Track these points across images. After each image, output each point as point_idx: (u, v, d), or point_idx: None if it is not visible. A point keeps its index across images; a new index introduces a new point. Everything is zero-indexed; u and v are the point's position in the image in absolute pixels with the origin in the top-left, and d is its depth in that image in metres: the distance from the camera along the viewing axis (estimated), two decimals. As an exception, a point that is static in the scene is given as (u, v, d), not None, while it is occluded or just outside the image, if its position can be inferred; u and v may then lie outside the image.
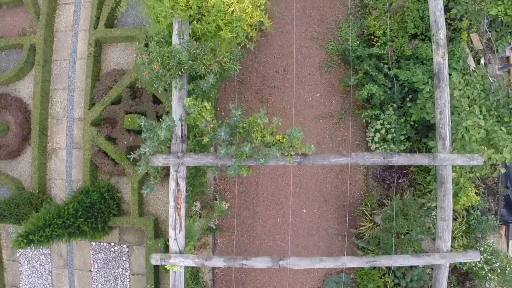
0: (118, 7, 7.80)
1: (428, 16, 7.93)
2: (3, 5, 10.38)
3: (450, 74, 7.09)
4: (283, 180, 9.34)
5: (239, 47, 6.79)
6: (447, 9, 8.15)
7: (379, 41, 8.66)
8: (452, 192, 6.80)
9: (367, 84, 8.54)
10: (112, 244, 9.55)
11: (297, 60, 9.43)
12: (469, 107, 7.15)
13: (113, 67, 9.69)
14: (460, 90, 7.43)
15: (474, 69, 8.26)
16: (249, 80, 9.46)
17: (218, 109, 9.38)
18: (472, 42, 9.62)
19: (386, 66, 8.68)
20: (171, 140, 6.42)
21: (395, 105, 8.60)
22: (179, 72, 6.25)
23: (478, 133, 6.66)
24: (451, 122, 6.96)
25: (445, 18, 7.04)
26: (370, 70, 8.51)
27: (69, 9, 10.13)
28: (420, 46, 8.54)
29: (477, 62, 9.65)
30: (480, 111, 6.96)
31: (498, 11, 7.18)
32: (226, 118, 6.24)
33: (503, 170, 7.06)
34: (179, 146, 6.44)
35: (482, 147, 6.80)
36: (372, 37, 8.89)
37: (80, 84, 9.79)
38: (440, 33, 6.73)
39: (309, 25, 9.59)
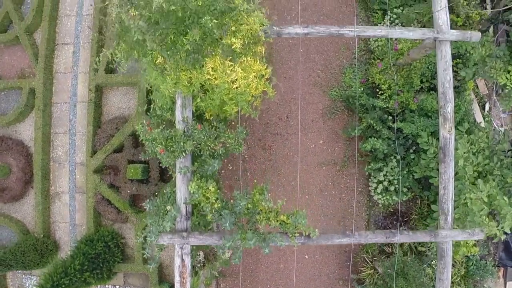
0: (114, 59, 7.55)
1: (435, 62, 7.88)
2: (1, 43, 10.17)
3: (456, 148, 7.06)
4: (286, 227, 9.40)
5: (244, 125, 6.71)
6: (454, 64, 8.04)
7: (384, 94, 8.57)
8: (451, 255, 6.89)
9: (371, 138, 8.52)
10: (117, 287, 9.71)
11: (300, 107, 9.35)
12: (474, 177, 7.16)
13: (114, 112, 9.60)
14: (465, 153, 7.42)
15: (478, 126, 8.21)
16: (251, 127, 9.40)
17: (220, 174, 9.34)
18: (477, 87, 9.53)
19: (390, 117, 8.63)
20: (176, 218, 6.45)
21: (398, 157, 8.59)
22: (183, 154, 6.22)
23: (481, 210, 6.69)
24: (455, 187, 6.98)
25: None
26: (374, 124, 8.47)
27: (68, 50, 9.94)
28: (426, 99, 8.47)
29: (482, 107, 9.59)
30: (483, 184, 6.97)
31: (507, 79, 7.09)
32: (231, 200, 6.25)
33: (503, 237, 7.12)
34: (183, 224, 6.47)
35: (484, 217, 6.85)
36: (377, 88, 8.79)
37: (81, 128, 9.72)
38: (448, 107, 6.66)
39: (312, 70, 9.46)
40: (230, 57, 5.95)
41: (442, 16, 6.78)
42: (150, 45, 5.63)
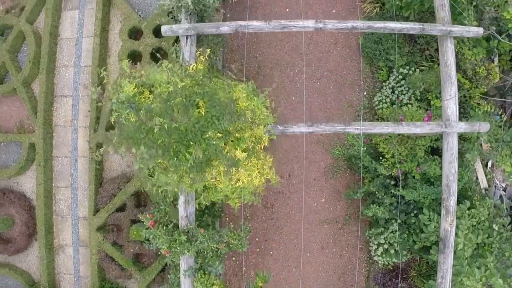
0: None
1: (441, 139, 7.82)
2: (-2, 93, 10.01)
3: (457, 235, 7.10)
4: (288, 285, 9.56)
5: (248, 225, 6.73)
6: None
7: (388, 161, 8.51)
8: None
9: (373, 204, 8.56)
10: (122, 336, 9.96)
11: (302, 166, 9.30)
12: (472, 249, 7.23)
13: (116, 168, 9.56)
14: (465, 232, 7.48)
15: (479, 197, 8.22)
16: (253, 186, 9.39)
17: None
18: (481, 145, 9.47)
19: (393, 182, 8.62)
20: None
21: (399, 221, 8.65)
22: (187, 253, 6.27)
23: None
24: (453, 266, 7.07)
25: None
26: (376, 192, 8.48)
27: (67, 102, 9.79)
28: (429, 166, 8.42)
29: (485, 165, 9.55)
30: (480, 270, 7.05)
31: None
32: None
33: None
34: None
35: None
36: (380, 155, 8.73)
37: (83, 183, 9.70)
38: (451, 200, 6.68)
39: (315, 128, 9.34)
40: (234, 166, 5.90)
41: (451, 106, 6.70)
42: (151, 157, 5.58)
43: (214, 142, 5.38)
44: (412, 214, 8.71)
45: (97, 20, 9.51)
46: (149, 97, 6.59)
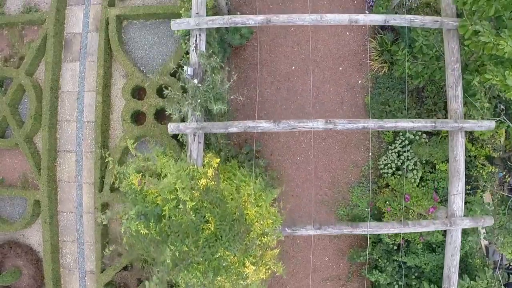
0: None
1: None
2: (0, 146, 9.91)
3: None
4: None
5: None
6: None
7: (392, 235, 8.59)
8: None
9: (375, 270, 8.72)
10: None
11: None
12: None
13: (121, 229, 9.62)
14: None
15: (479, 272, 8.36)
16: (258, 244, 9.50)
17: None
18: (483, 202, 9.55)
19: (395, 248, 8.75)
20: None
21: (400, 283, 8.84)
22: None
23: None
24: None
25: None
26: (379, 261, 8.62)
27: (71, 158, 9.73)
28: (432, 234, 8.53)
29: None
30: None
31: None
32: None
33: None
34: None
35: None
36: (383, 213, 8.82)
37: (89, 239, 9.78)
38: (452, 289, 6.81)
39: (320, 188, 9.38)
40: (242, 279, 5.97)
41: (458, 201, 6.72)
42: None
43: (224, 264, 5.44)
44: (413, 277, 8.89)
45: (99, 77, 9.32)
46: (156, 193, 6.60)
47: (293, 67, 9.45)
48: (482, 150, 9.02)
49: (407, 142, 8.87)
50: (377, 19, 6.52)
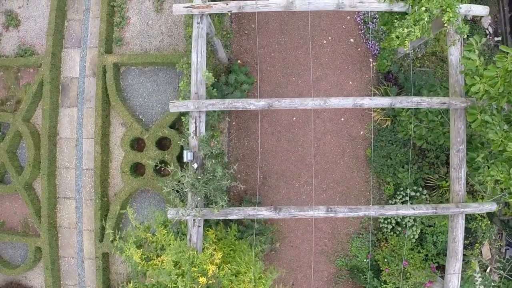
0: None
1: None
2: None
3: None
4: None
5: None
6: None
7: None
8: None
9: (373, 323, 8.88)
10: None
11: (306, 275, 9.48)
12: None
13: (122, 271, 9.72)
14: None
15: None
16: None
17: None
18: (481, 253, 9.63)
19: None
20: None
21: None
22: None
23: None
24: None
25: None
26: (377, 316, 8.77)
27: (70, 205, 9.72)
28: (430, 290, 8.64)
29: (484, 270, 9.76)
30: None
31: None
32: None
33: None
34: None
35: None
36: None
37: (90, 283, 9.89)
38: None
39: (319, 239, 9.42)
40: None
41: (454, 280, 6.78)
42: None
43: None
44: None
45: (97, 127, 9.19)
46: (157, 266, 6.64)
47: (294, 118, 9.31)
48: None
49: (407, 198, 8.85)
50: (383, 102, 6.38)
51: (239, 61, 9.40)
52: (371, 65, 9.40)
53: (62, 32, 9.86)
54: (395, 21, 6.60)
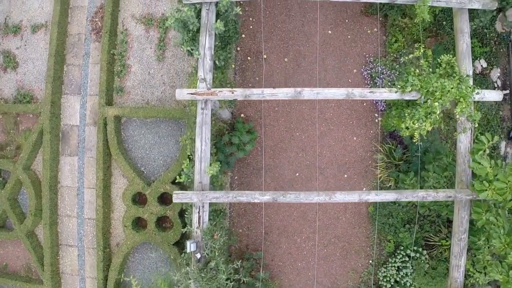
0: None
1: None
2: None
3: None
4: None
5: None
6: None
7: None
8: None
9: None
10: None
11: (305, 326, 9.66)
12: None
13: (124, 318, 9.89)
14: None
15: None
16: None
17: None
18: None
19: None
20: None
21: None
22: None
23: None
24: None
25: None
26: None
27: (73, 252, 9.76)
28: None
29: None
30: None
31: None
32: None
33: None
34: None
35: None
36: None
37: (93, 327, 10.08)
38: None
39: (319, 292, 9.54)
40: None
41: None
42: None
43: None
44: None
45: (98, 180, 9.13)
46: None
47: (297, 174, 9.24)
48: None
49: (407, 258, 8.90)
50: (389, 197, 6.33)
51: (242, 115, 9.24)
52: (376, 120, 9.26)
53: (61, 77, 9.64)
54: (406, 109, 6.44)
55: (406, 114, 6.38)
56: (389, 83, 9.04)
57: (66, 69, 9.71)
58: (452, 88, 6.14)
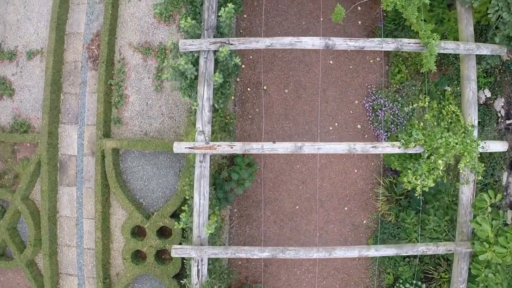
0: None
1: None
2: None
3: None
4: None
5: None
6: None
7: None
8: None
9: None
10: None
11: None
12: None
13: None
14: None
15: None
16: None
17: None
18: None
19: None
20: None
21: None
22: None
23: None
24: None
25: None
26: None
27: (73, 281, 9.77)
28: None
29: None
30: None
31: None
32: None
33: None
34: None
35: None
36: None
37: None
38: None
39: (318, 321, 9.58)
40: None
41: None
42: None
43: None
44: None
45: (97, 212, 9.07)
46: None
47: (297, 207, 9.18)
48: None
49: (406, 292, 8.92)
50: (389, 253, 6.31)
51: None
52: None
53: (58, 107, 9.49)
54: (408, 160, 6.33)
55: (409, 169, 6.27)
56: (391, 116, 8.90)
57: (63, 97, 9.56)
58: (456, 143, 6.02)
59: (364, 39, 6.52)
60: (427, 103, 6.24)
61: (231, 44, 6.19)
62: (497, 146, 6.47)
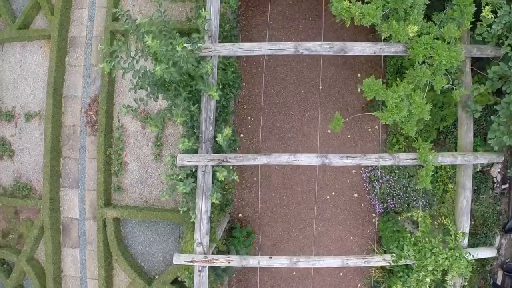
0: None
1: None
2: None
3: None
4: None
5: None
6: None
7: None
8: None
9: None
10: None
11: None
12: None
13: None
14: None
15: None
16: None
17: None
18: None
19: None
20: None
21: None
22: None
23: None
24: None
25: None
26: None
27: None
28: None
29: None
30: None
31: None
32: None
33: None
34: None
35: None
36: None
37: None
38: None
39: None
40: None
41: None
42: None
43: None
44: None
45: (100, 277, 9.34)
46: None
47: (294, 273, 9.45)
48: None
49: None
50: None
51: (240, 215, 9.30)
52: (374, 219, 9.32)
53: (59, 171, 9.60)
54: (399, 272, 6.53)
55: (398, 276, 6.48)
56: (387, 188, 9.00)
57: (62, 161, 9.64)
58: (446, 258, 6.20)
59: (362, 155, 6.55)
60: (420, 217, 6.38)
61: (229, 162, 6.24)
62: (486, 253, 6.66)
